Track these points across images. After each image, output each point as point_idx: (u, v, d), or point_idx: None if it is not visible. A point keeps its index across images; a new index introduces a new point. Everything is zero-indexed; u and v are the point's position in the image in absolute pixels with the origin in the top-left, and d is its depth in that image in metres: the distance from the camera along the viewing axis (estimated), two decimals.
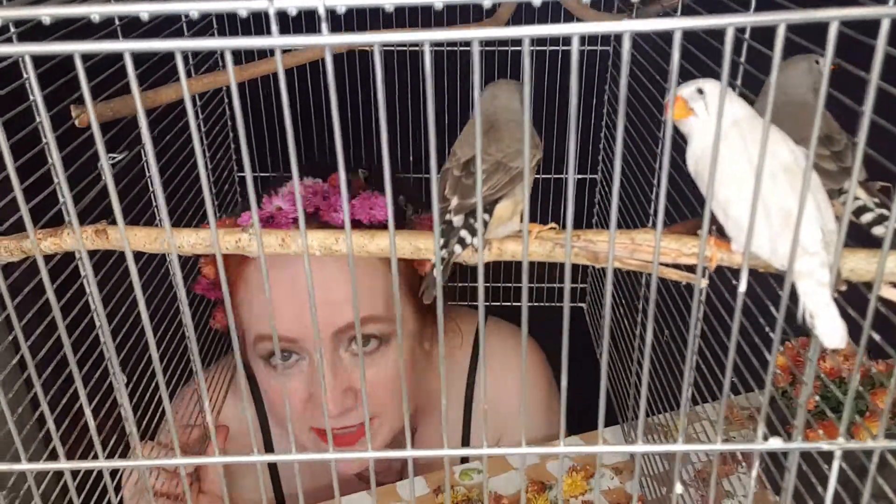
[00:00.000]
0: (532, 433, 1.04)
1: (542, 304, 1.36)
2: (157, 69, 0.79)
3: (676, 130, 0.57)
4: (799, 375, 0.55)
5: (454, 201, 0.48)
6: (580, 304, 1.37)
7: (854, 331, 0.46)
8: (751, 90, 0.56)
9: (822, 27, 0.32)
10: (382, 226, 0.83)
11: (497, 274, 1.31)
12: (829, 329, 0.37)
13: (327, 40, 0.31)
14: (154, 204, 0.84)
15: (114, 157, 0.73)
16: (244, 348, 0.91)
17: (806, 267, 0.38)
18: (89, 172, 0.71)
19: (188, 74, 0.85)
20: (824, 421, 0.65)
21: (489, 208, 0.48)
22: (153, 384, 0.76)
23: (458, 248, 0.46)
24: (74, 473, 0.41)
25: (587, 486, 0.89)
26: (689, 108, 0.44)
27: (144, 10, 0.31)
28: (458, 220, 0.48)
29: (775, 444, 0.40)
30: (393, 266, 0.39)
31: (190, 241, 0.50)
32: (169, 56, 0.32)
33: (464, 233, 0.47)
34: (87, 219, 0.61)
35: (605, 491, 0.89)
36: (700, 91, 0.44)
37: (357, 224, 0.81)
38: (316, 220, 0.83)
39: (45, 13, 0.31)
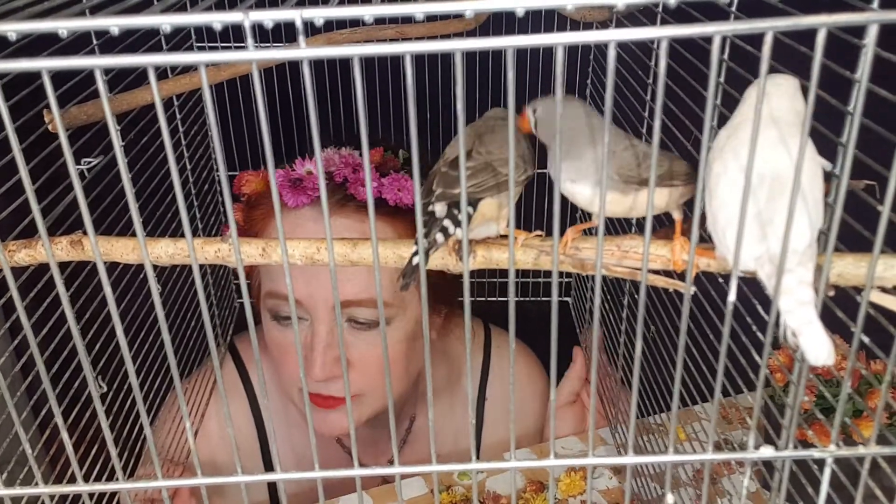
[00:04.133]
0: (533, 434, 1.09)
1: (528, 298, 1.35)
2: (132, 70, 0.77)
3: (664, 134, 0.56)
4: (792, 379, 0.55)
5: (438, 191, 0.47)
6: (565, 299, 1.37)
7: (845, 332, 0.46)
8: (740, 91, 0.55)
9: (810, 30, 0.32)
10: (408, 209, 0.85)
11: (484, 269, 1.30)
12: (814, 346, 0.36)
13: (305, 53, 0.30)
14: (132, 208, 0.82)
15: (89, 162, 0.71)
16: (259, 298, 0.93)
17: (784, 284, 0.37)
18: (66, 177, 0.69)
19: (164, 75, 0.83)
20: (817, 421, 0.65)
21: (474, 203, 0.47)
22: (143, 394, 0.75)
23: (440, 237, 0.45)
24: (55, 497, 0.40)
25: (585, 485, 0.89)
26: None
27: (115, 25, 0.30)
28: (440, 209, 0.47)
29: (767, 452, 0.39)
30: (376, 276, 0.38)
31: (168, 251, 0.49)
32: None
33: (447, 222, 0.46)
34: (66, 222, 0.60)
35: (603, 490, 0.89)
36: None
37: (383, 203, 0.83)
38: (342, 191, 0.85)
39: (12, 29, 0.30)
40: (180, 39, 1.02)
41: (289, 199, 0.85)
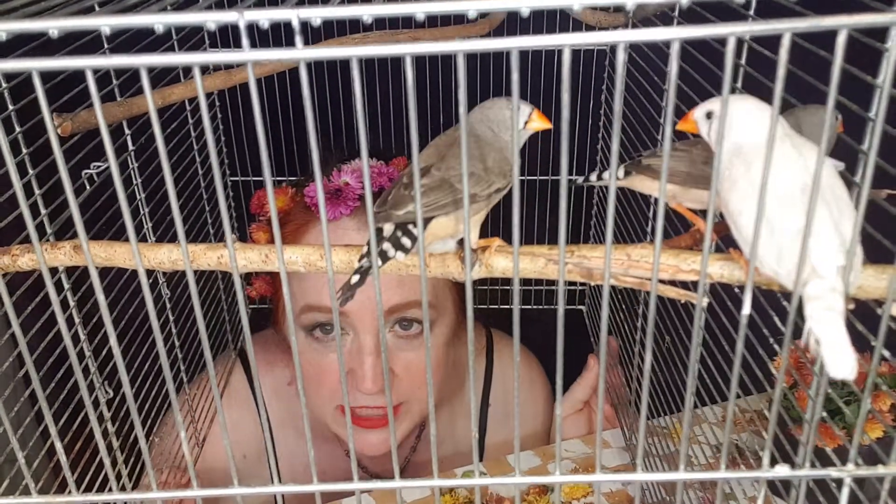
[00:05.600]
0: (539, 434, 1.09)
1: (539, 306, 1.33)
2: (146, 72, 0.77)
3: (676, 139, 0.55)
4: (802, 384, 0.53)
5: (387, 211, 0.46)
6: (579, 307, 1.35)
7: (861, 344, 0.44)
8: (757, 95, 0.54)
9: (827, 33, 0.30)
10: None
11: (492, 277, 1.29)
12: (837, 359, 0.34)
13: (302, 54, 0.29)
14: (142, 213, 0.82)
15: (98, 166, 0.71)
16: (279, 319, 0.93)
17: (815, 290, 0.35)
18: (75, 180, 0.69)
19: (176, 79, 0.82)
20: (823, 424, 0.63)
21: (423, 224, 0.45)
22: (152, 397, 0.75)
23: (377, 262, 0.44)
24: None
25: (589, 488, 0.87)
26: (697, 128, 0.43)
27: (106, 25, 0.29)
28: (387, 228, 0.46)
29: (782, 471, 0.38)
30: (376, 286, 0.37)
31: (171, 257, 0.48)
32: None
33: (386, 245, 0.45)
34: (73, 228, 0.59)
35: (606, 493, 0.88)
36: (709, 115, 0.43)
37: None
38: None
39: (2, 28, 0.30)
40: (196, 44, 1.02)
41: (328, 212, 0.84)
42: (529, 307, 1.28)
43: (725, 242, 0.54)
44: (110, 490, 0.39)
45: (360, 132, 0.32)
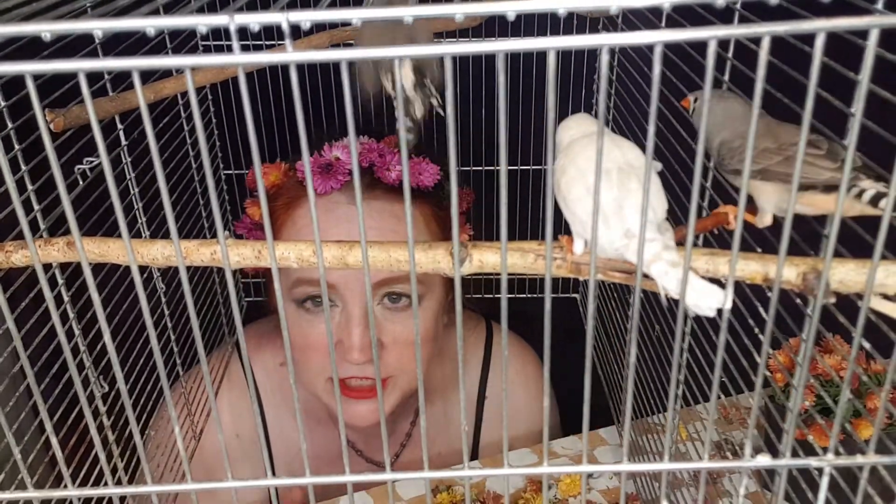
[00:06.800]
0: (535, 429, 1.09)
1: (534, 294, 1.34)
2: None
3: (662, 133, 0.56)
4: (792, 382, 0.54)
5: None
6: (573, 295, 1.36)
7: (847, 336, 0.45)
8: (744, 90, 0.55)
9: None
10: (427, 192, 0.91)
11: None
12: (703, 297, 0.37)
13: (292, 57, 0.30)
14: (135, 207, 0.82)
15: (91, 161, 0.71)
16: (273, 293, 0.94)
17: (652, 252, 0.39)
18: (66, 177, 0.69)
19: (167, 73, 0.83)
20: (816, 424, 0.64)
21: None
22: (147, 390, 0.76)
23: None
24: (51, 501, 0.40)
25: (588, 486, 0.89)
26: None
27: (98, 28, 0.29)
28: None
29: (763, 461, 0.39)
30: (367, 288, 0.38)
31: (164, 253, 0.49)
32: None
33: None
34: (66, 224, 0.60)
35: (603, 490, 0.90)
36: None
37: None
38: (370, 174, 0.88)
39: None
40: (188, 37, 1.01)
41: (318, 186, 0.87)
42: (523, 295, 1.29)
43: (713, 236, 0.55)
44: (106, 484, 0.40)
45: (350, 131, 0.33)
